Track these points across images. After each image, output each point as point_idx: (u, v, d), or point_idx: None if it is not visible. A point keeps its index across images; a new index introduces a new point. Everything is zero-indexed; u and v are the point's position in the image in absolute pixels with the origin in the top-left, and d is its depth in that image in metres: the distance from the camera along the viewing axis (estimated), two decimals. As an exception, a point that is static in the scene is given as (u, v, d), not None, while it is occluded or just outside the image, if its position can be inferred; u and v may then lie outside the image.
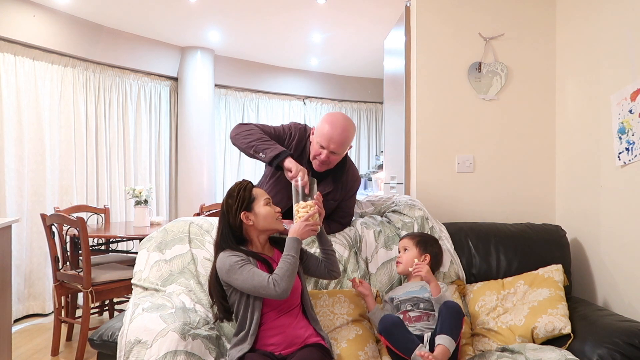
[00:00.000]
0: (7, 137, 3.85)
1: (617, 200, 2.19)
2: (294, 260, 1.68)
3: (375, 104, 7.00)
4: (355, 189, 2.23)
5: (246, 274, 1.65)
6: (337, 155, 2.02)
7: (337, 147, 1.98)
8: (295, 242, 1.73)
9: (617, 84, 2.15)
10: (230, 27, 4.84)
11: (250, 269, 1.66)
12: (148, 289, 1.96)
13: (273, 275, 1.64)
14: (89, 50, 4.50)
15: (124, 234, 3.36)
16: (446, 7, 2.66)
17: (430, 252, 2.05)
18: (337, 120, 2.00)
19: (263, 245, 1.83)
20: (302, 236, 1.77)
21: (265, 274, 1.65)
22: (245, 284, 1.65)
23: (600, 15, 2.29)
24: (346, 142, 2.00)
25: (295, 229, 1.77)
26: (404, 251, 2.06)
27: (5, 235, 2.39)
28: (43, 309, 4.04)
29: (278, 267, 1.67)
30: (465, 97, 2.67)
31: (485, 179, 2.69)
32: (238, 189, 1.81)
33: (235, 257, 1.69)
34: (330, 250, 1.91)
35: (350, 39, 5.14)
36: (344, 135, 1.97)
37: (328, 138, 1.96)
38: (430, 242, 2.08)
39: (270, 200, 1.83)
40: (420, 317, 1.84)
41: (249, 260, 1.71)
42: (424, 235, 2.13)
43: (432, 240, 2.11)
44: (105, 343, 1.72)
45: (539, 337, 1.87)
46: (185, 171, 5.45)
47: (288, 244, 1.73)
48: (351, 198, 2.24)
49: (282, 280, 1.63)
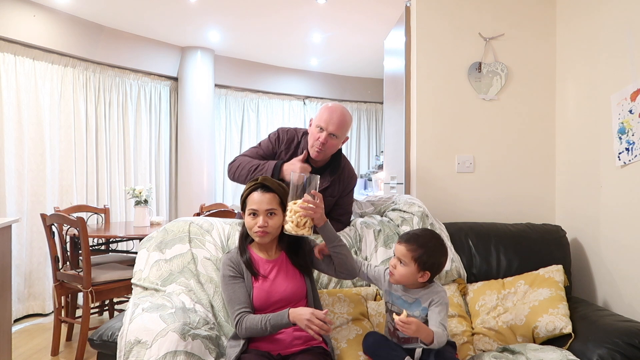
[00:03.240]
0: (7, 137, 3.85)
1: (617, 200, 2.19)
2: (263, 331, 1.63)
3: (375, 104, 7.00)
4: (352, 185, 2.25)
5: (227, 295, 1.73)
6: (335, 139, 2.07)
7: (335, 128, 2.04)
8: (282, 320, 1.62)
9: (617, 84, 2.15)
10: (230, 27, 4.84)
11: (231, 292, 1.71)
12: (148, 289, 1.96)
13: (243, 319, 1.65)
14: (89, 50, 4.50)
15: (124, 234, 3.36)
16: (446, 7, 2.66)
17: (430, 267, 1.68)
18: (335, 106, 2.09)
19: (266, 247, 1.82)
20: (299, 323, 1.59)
21: (239, 308, 1.67)
22: (225, 301, 1.74)
23: (600, 15, 2.29)
24: (344, 126, 2.07)
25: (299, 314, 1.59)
26: (398, 262, 1.70)
27: (5, 235, 2.39)
28: (43, 309, 4.04)
29: (250, 321, 1.64)
30: (465, 97, 2.67)
31: (485, 179, 2.69)
32: (247, 186, 1.82)
33: (228, 269, 1.76)
34: (337, 247, 1.74)
35: (350, 39, 5.14)
36: (342, 118, 2.05)
37: (327, 120, 2.04)
38: (430, 252, 1.67)
39: (257, 211, 1.73)
40: (409, 339, 1.67)
41: (241, 272, 1.75)
42: (425, 241, 1.69)
43: (433, 248, 1.69)
44: (105, 343, 1.72)
45: (539, 336, 1.87)
46: (185, 171, 5.45)
47: (276, 315, 1.63)
48: (349, 195, 2.25)
49: (245, 330, 1.65)
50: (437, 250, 1.70)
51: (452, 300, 2.09)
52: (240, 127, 6.13)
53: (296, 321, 1.60)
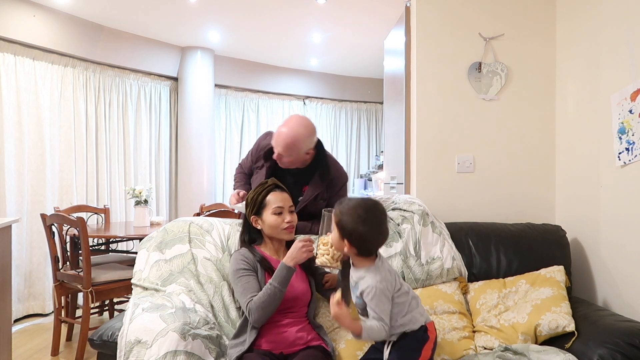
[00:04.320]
0: (7, 137, 3.85)
1: (617, 201, 2.19)
2: (275, 292, 1.63)
3: (375, 104, 7.00)
4: (342, 183, 2.22)
5: (240, 287, 1.71)
6: (288, 157, 2.04)
7: (282, 150, 2.01)
8: (284, 271, 1.66)
9: (617, 84, 2.15)
10: (230, 27, 4.84)
11: (245, 282, 1.70)
12: (148, 289, 1.96)
13: (251, 302, 1.64)
14: (89, 50, 4.50)
15: (124, 234, 3.36)
16: (446, 7, 2.66)
17: (349, 236, 1.51)
18: (286, 125, 2.03)
19: (277, 248, 1.85)
20: (297, 260, 1.68)
21: (249, 297, 1.66)
22: (236, 296, 1.73)
23: (600, 15, 2.29)
24: (292, 148, 2.01)
25: (291, 253, 1.69)
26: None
27: (5, 235, 2.39)
28: (43, 309, 4.04)
29: (258, 295, 1.65)
30: (465, 97, 2.67)
31: (485, 179, 2.69)
32: (256, 191, 1.84)
33: (241, 263, 1.74)
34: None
35: (350, 39, 5.14)
36: (287, 142, 1.99)
37: (274, 143, 2.04)
38: (350, 219, 1.51)
39: (283, 209, 1.80)
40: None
41: (255, 267, 1.74)
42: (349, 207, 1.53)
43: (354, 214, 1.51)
44: (105, 343, 1.72)
45: (542, 334, 1.87)
46: (185, 171, 5.45)
47: (277, 270, 1.68)
48: (339, 193, 2.20)
49: (256, 311, 1.63)
50: (356, 218, 1.51)
51: (453, 298, 2.09)
52: (240, 127, 6.13)
53: (295, 260, 1.66)
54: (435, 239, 2.24)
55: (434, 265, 2.17)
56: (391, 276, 1.60)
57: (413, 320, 1.62)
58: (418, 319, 1.63)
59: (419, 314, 1.64)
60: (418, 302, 1.68)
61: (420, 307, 1.68)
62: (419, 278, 2.14)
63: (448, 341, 1.93)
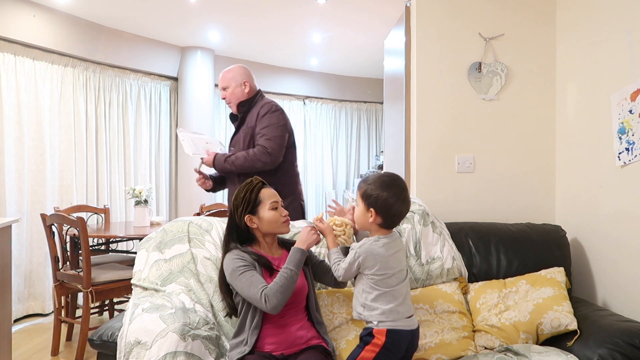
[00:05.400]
0: (7, 137, 3.85)
1: (617, 200, 2.19)
2: (291, 275, 1.63)
3: (375, 104, 7.00)
4: (264, 112, 2.62)
5: (244, 282, 1.65)
6: (228, 89, 2.70)
7: (220, 83, 2.73)
8: (298, 254, 1.68)
9: (617, 84, 2.15)
10: (230, 27, 4.84)
11: (249, 276, 1.65)
12: (148, 289, 1.95)
13: (266, 289, 1.61)
14: (89, 50, 4.50)
15: (124, 234, 3.36)
16: (446, 7, 2.66)
17: (374, 203, 1.61)
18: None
19: (270, 246, 1.83)
20: (308, 245, 1.71)
21: (261, 286, 1.62)
22: (243, 292, 1.67)
23: (601, 15, 2.28)
24: (224, 78, 2.70)
25: (301, 237, 1.72)
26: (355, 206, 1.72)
27: (5, 235, 2.39)
28: (43, 309, 4.04)
29: (274, 281, 1.63)
30: (465, 97, 2.67)
31: (485, 179, 2.69)
32: (245, 190, 1.79)
33: (239, 262, 1.69)
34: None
35: (350, 39, 5.14)
36: (225, 74, 2.71)
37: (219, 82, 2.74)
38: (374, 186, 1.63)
39: (278, 203, 1.79)
40: None
41: (253, 264, 1.70)
42: (374, 178, 1.67)
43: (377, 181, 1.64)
44: (105, 343, 1.71)
45: (544, 333, 1.87)
46: (185, 171, 5.45)
47: (291, 254, 1.69)
48: (263, 119, 2.60)
49: (274, 296, 1.59)
50: (381, 184, 1.62)
51: (453, 298, 2.09)
52: (240, 127, 6.13)
53: (307, 243, 1.70)
54: (435, 238, 2.24)
55: (434, 265, 2.17)
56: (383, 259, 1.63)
57: (372, 316, 1.63)
58: (376, 317, 1.62)
59: (383, 315, 1.61)
60: (393, 309, 1.62)
61: (393, 313, 1.62)
62: (419, 278, 2.14)
63: (447, 341, 1.93)
